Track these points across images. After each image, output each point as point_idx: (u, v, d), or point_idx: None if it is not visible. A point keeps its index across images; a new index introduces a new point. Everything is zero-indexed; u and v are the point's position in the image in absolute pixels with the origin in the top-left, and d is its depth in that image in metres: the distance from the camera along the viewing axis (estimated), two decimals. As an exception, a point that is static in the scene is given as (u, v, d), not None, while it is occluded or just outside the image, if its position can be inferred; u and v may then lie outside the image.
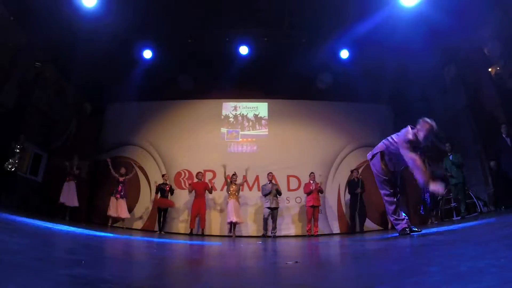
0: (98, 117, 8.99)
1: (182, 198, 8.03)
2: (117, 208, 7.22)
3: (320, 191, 7.40)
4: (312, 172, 7.54)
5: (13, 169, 6.43)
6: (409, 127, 3.33)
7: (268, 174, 7.46)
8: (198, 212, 7.28)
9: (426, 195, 6.95)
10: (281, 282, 1.43)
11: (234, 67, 8.43)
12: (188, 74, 8.70)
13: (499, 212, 5.80)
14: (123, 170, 7.60)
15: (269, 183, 7.32)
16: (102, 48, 7.32)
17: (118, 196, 7.31)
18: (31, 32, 6.52)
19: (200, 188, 7.41)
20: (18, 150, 6.57)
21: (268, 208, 7.11)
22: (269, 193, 7.13)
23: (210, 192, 7.61)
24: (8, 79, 6.41)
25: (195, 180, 7.60)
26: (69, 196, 7.11)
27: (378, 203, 7.59)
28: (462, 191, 6.19)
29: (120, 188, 7.38)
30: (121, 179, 7.47)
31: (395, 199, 3.45)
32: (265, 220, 7.14)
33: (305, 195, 7.53)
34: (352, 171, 7.84)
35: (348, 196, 7.85)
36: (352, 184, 7.61)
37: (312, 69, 8.28)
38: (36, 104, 7.26)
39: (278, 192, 7.27)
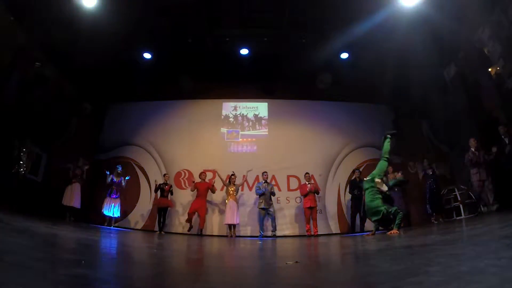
0: (98, 117, 8.99)
1: (182, 198, 8.03)
2: (109, 207, 7.23)
3: (316, 192, 7.38)
4: (307, 173, 7.52)
5: (23, 173, 6.50)
6: None
7: (263, 173, 7.45)
8: (196, 210, 7.24)
9: (429, 194, 6.92)
10: (281, 282, 1.43)
11: (234, 67, 8.42)
12: (188, 74, 8.69)
13: (499, 212, 5.80)
14: (119, 170, 7.60)
15: (264, 182, 7.31)
16: (102, 48, 7.30)
17: (113, 196, 7.34)
18: (31, 32, 6.51)
19: (203, 188, 7.40)
20: (24, 155, 6.61)
21: (262, 209, 7.11)
22: (263, 194, 7.12)
23: (213, 192, 7.59)
24: (8, 79, 6.41)
25: (198, 180, 7.59)
26: (73, 197, 7.14)
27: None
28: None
29: (114, 189, 7.39)
30: (116, 179, 7.47)
31: None
32: (261, 220, 7.13)
33: (302, 196, 7.51)
34: (353, 171, 7.82)
35: (348, 196, 7.83)
36: (353, 184, 7.57)
37: (312, 69, 8.27)
38: (36, 104, 7.25)
39: (272, 193, 7.26)
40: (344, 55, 8.23)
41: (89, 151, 8.51)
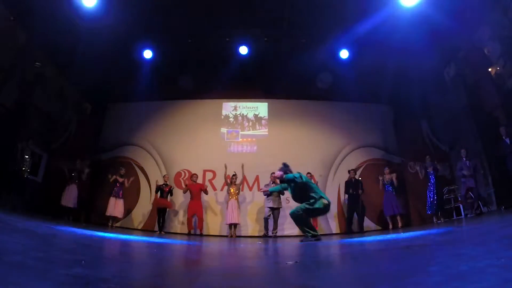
0: (98, 117, 8.99)
1: (182, 198, 8.03)
2: (114, 207, 7.25)
3: None
4: (308, 173, 7.52)
5: (25, 174, 6.54)
6: None
7: (271, 174, 7.44)
8: (195, 213, 7.29)
9: (431, 194, 6.91)
10: (281, 282, 1.42)
11: (234, 67, 8.42)
12: (188, 74, 8.69)
13: (499, 212, 5.80)
14: (122, 171, 7.62)
15: (272, 183, 7.30)
16: (102, 48, 7.31)
17: (117, 196, 7.35)
18: (31, 32, 6.51)
19: (196, 189, 7.44)
20: (27, 156, 6.63)
21: (270, 208, 7.09)
22: (271, 194, 7.10)
23: (206, 193, 7.63)
24: (8, 79, 6.41)
25: (190, 181, 7.61)
26: (71, 198, 7.24)
27: (377, 203, 7.63)
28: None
29: (118, 188, 7.39)
30: (120, 180, 7.49)
31: None
32: (266, 220, 7.12)
33: None
34: (349, 171, 7.82)
35: (346, 196, 7.84)
36: (349, 185, 7.60)
37: (312, 69, 8.27)
38: (36, 104, 7.25)
39: (281, 192, 7.25)
40: (344, 55, 8.21)
41: (89, 151, 8.50)
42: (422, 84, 8.20)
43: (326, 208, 4.35)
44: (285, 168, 4.76)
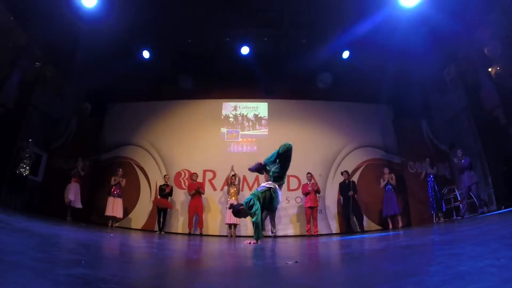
0: (98, 117, 8.98)
1: (182, 198, 8.04)
2: (113, 207, 7.25)
3: (317, 191, 7.39)
4: (308, 173, 7.53)
5: (25, 174, 6.54)
6: None
7: (265, 175, 7.46)
8: (195, 211, 7.33)
9: (431, 194, 6.90)
10: (281, 282, 1.42)
11: (234, 67, 8.42)
12: (188, 74, 8.69)
13: (499, 212, 5.80)
14: (120, 172, 7.61)
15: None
16: (102, 48, 7.31)
17: (115, 195, 7.35)
18: (31, 32, 6.52)
19: (195, 188, 7.51)
20: (28, 155, 6.63)
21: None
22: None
23: (202, 193, 7.64)
24: (8, 79, 6.41)
25: (190, 181, 7.68)
26: (75, 197, 7.20)
27: (377, 203, 7.63)
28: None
29: (115, 188, 7.39)
30: (118, 180, 7.49)
31: None
32: (262, 221, 7.13)
33: (303, 195, 7.54)
34: (342, 173, 7.82)
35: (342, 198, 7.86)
36: (343, 186, 7.62)
37: (312, 69, 8.26)
38: (36, 104, 7.25)
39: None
40: (346, 55, 8.20)
41: (89, 151, 8.50)
42: (422, 84, 8.21)
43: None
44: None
